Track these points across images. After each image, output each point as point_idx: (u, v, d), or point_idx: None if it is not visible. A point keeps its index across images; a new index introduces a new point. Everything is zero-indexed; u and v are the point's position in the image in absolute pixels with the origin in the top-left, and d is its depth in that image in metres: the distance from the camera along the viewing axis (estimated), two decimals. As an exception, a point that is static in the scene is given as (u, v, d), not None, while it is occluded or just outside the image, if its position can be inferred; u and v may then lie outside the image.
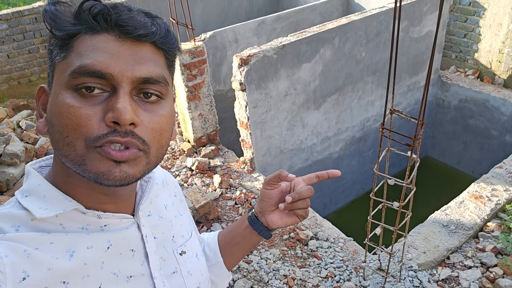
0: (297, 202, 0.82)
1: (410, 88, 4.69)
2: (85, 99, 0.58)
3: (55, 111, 0.59)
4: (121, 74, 0.58)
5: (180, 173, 3.67)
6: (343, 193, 4.82)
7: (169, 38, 0.64)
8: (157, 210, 0.77)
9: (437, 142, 5.45)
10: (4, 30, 5.46)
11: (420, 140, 1.93)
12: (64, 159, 0.60)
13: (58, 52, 0.61)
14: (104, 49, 0.58)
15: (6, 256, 0.56)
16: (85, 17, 0.59)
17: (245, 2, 6.42)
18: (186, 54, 3.51)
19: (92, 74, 0.57)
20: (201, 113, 3.81)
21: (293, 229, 2.97)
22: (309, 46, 3.60)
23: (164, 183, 0.83)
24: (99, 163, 0.58)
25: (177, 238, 0.78)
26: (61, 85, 0.59)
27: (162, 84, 0.62)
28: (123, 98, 0.57)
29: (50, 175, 0.67)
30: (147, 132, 0.60)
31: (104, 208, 0.66)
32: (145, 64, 0.60)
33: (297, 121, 3.88)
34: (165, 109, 0.64)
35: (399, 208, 2.12)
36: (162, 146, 0.64)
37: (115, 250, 0.66)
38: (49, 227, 0.62)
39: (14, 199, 0.64)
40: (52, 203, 0.62)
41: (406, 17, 4.15)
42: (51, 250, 0.60)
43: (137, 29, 0.59)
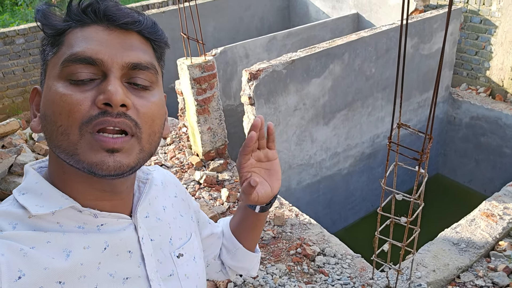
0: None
1: (420, 105, 4.67)
2: (76, 86, 0.59)
3: (48, 102, 0.60)
4: (111, 59, 0.60)
5: (188, 186, 3.68)
6: (352, 209, 4.77)
7: (156, 29, 0.66)
8: (155, 212, 0.77)
9: (448, 160, 5.39)
10: (21, 44, 5.60)
11: (428, 154, 1.91)
12: (58, 151, 0.60)
13: (50, 49, 0.63)
14: (94, 38, 0.61)
15: (2, 255, 0.56)
16: (75, 11, 0.62)
17: (256, 19, 6.51)
18: (196, 68, 3.55)
19: (83, 61, 0.59)
20: (210, 127, 3.83)
21: (300, 244, 2.94)
22: (318, 62, 3.61)
23: (163, 185, 0.83)
24: (91, 153, 0.58)
25: (175, 240, 0.78)
26: (54, 77, 0.61)
27: (151, 71, 0.64)
28: (114, 81, 0.59)
29: (47, 173, 0.67)
30: (138, 115, 0.61)
31: (100, 205, 0.66)
32: (134, 51, 0.62)
33: (306, 136, 3.87)
34: (156, 97, 0.65)
35: (406, 224, 2.08)
36: (154, 132, 0.65)
37: (112, 251, 0.66)
38: (46, 226, 0.62)
39: (11, 197, 0.65)
40: (48, 201, 0.63)
41: (416, 34, 4.16)
42: (48, 249, 0.60)
43: (123, 17, 0.62)
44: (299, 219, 3.24)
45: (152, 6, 6.24)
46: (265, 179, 0.83)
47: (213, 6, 6.03)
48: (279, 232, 3.10)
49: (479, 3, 4.78)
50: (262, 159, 0.82)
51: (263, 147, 0.81)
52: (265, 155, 0.82)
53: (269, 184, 0.82)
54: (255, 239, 0.98)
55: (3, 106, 5.80)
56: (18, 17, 9.14)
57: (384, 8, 5.28)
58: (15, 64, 5.63)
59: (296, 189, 4.07)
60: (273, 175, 0.83)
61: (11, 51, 5.57)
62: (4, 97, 5.77)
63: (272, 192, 0.83)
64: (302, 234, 3.08)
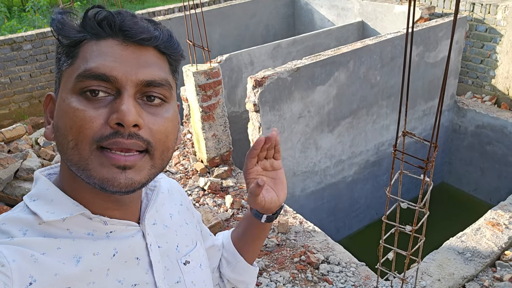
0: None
1: (425, 113, 4.66)
2: (90, 102, 0.59)
3: (60, 115, 0.61)
4: (125, 77, 0.59)
5: (192, 192, 3.68)
6: (356, 217, 4.75)
7: (171, 43, 0.65)
8: (162, 219, 0.77)
9: (453, 169, 5.36)
10: (28, 50, 5.65)
11: (433, 163, 1.90)
12: (69, 164, 0.61)
13: (65, 59, 0.62)
14: (109, 53, 0.60)
15: (13, 261, 0.56)
16: (90, 24, 0.61)
17: (262, 27, 6.54)
18: (202, 75, 3.57)
19: (97, 77, 0.58)
20: (215, 133, 3.84)
21: (304, 252, 2.93)
22: (323, 69, 3.62)
23: (169, 192, 0.84)
24: (103, 169, 0.58)
25: (181, 247, 0.78)
26: (67, 90, 0.61)
27: (165, 87, 0.63)
28: (127, 100, 0.59)
29: (58, 180, 0.68)
30: (151, 134, 0.61)
31: (110, 214, 0.67)
32: (149, 67, 0.62)
33: (310, 144, 3.87)
34: (169, 112, 0.65)
35: (411, 232, 2.07)
36: (167, 149, 0.65)
37: (121, 258, 0.66)
38: (56, 232, 0.62)
39: (22, 204, 0.65)
40: (59, 207, 0.63)
41: (421, 42, 4.16)
42: (58, 255, 0.60)
43: (140, 33, 0.61)
44: (303, 226, 3.23)
45: (158, 13, 6.29)
46: (271, 188, 0.84)
47: (219, 13, 6.07)
48: (283, 240, 3.09)
49: (485, 11, 4.78)
50: (268, 168, 0.84)
51: (270, 157, 0.84)
52: (271, 165, 0.84)
53: (275, 193, 0.84)
54: (256, 251, 0.98)
55: (10, 111, 5.84)
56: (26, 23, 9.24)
57: (389, 16, 5.29)
58: (22, 69, 5.68)
59: (300, 196, 4.06)
60: (279, 184, 0.85)
61: (18, 57, 5.62)
62: (11, 102, 5.82)
63: (279, 200, 0.85)
64: (306, 241, 3.07)
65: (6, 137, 3.85)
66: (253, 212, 0.90)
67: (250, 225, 0.93)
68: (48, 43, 5.74)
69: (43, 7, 9.63)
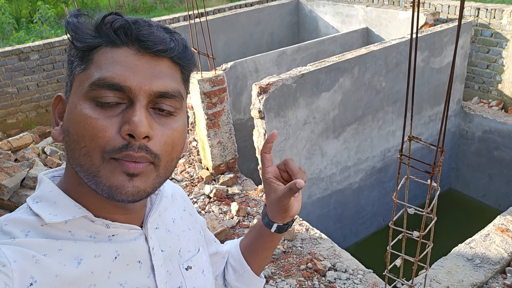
0: None
1: (431, 119, 4.63)
2: (102, 110, 0.59)
3: (72, 120, 0.60)
4: (138, 87, 0.59)
5: (198, 200, 3.67)
6: (363, 224, 4.71)
7: (186, 54, 0.66)
8: (165, 224, 0.77)
9: (461, 174, 5.31)
10: (35, 60, 5.71)
11: (440, 167, 1.88)
12: (78, 169, 0.61)
13: (79, 64, 0.62)
14: (124, 62, 0.60)
15: (14, 261, 0.56)
16: (106, 31, 0.61)
17: (266, 35, 6.57)
18: (207, 82, 3.58)
19: (110, 87, 0.59)
20: (220, 141, 3.84)
21: (311, 259, 2.90)
22: (328, 76, 3.62)
23: (173, 197, 0.83)
24: (113, 176, 0.59)
25: (184, 252, 0.78)
26: (80, 96, 0.61)
27: (177, 98, 0.64)
28: (140, 111, 0.59)
29: (62, 182, 0.68)
30: (159, 145, 0.62)
31: (113, 218, 0.67)
32: (162, 78, 0.62)
33: (316, 150, 3.86)
34: (178, 122, 0.65)
35: (419, 238, 2.05)
36: (172, 159, 0.65)
37: (123, 261, 0.66)
38: (58, 234, 0.62)
39: (25, 205, 0.65)
40: (62, 210, 0.63)
41: (426, 47, 4.15)
42: (59, 256, 0.60)
43: (156, 44, 0.61)
44: (309, 233, 3.20)
45: (164, 23, 6.34)
46: None
47: (224, 21, 6.11)
48: (290, 247, 3.07)
49: (490, 16, 4.76)
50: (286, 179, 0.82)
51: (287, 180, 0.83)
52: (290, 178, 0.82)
53: None
54: (264, 262, 0.96)
55: (17, 120, 5.89)
56: (33, 35, 9.35)
57: (394, 23, 5.29)
58: (29, 79, 5.74)
59: (306, 203, 4.04)
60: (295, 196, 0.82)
61: (26, 66, 5.68)
62: (18, 112, 5.87)
63: (292, 212, 0.83)
64: (313, 248, 3.04)
65: (13, 146, 3.88)
66: (265, 221, 0.89)
67: (260, 235, 0.92)
68: (55, 53, 5.80)
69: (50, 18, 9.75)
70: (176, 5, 15.67)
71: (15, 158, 3.66)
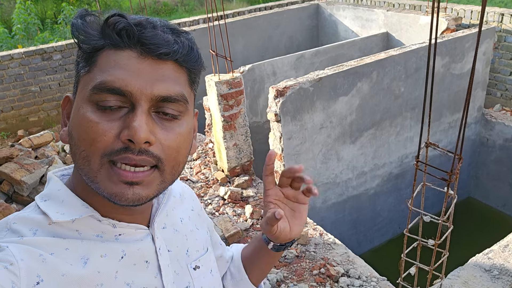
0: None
1: (451, 126, 4.55)
2: (104, 114, 0.59)
3: (75, 123, 0.61)
4: (140, 92, 0.59)
5: (212, 201, 3.68)
6: (379, 231, 4.65)
7: (191, 56, 0.64)
8: (173, 223, 0.77)
9: (480, 183, 5.20)
10: (58, 60, 5.83)
11: (457, 175, 1.85)
12: (80, 172, 0.61)
13: (84, 65, 0.63)
14: (126, 66, 0.59)
15: (21, 260, 0.56)
16: (109, 33, 0.61)
17: (285, 38, 6.56)
18: (224, 84, 3.59)
19: (111, 91, 0.58)
20: (236, 143, 3.85)
21: (324, 264, 2.88)
22: (346, 80, 3.59)
23: (181, 197, 0.83)
24: (111, 184, 0.59)
25: (192, 252, 0.78)
26: (83, 99, 0.61)
27: (181, 102, 0.63)
28: (140, 116, 0.58)
29: (71, 181, 0.68)
30: (163, 149, 0.61)
31: (119, 217, 0.67)
32: (165, 82, 0.61)
33: (332, 155, 3.83)
34: (183, 126, 0.64)
35: (434, 247, 2.01)
36: (178, 163, 0.64)
37: (129, 261, 0.66)
38: (65, 233, 0.63)
39: (34, 204, 0.66)
40: (69, 208, 0.64)
41: (447, 53, 4.09)
42: (66, 256, 0.61)
43: (159, 47, 0.60)
44: (323, 238, 3.18)
45: (184, 25, 6.40)
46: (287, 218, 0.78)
47: (243, 24, 6.13)
48: (303, 251, 3.05)
49: (514, 22, 4.66)
50: (290, 197, 0.77)
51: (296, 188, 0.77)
52: (294, 196, 0.77)
53: (289, 225, 0.77)
54: (262, 274, 0.95)
55: (39, 119, 6.02)
56: (57, 35, 9.56)
57: (415, 27, 5.23)
58: (52, 79, 5.86)
59: (321, 208, 4.01)
60: (297, 219, 0.78)
61: (48, 66, 5.80)
62: (40, 110, 6.00)
63: (290, 234, 0.77)
64: (326, 254, 3.02)
65: (34, 144, 3.97)
66: (264, 237, 0.88)
67: (259, 248, 0.91)
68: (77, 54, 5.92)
69: (74, 18, 9.91)
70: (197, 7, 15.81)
71: (36, 156, 3.75)
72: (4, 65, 5.61)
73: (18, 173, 3.22)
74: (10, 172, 3.23)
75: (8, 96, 5.78)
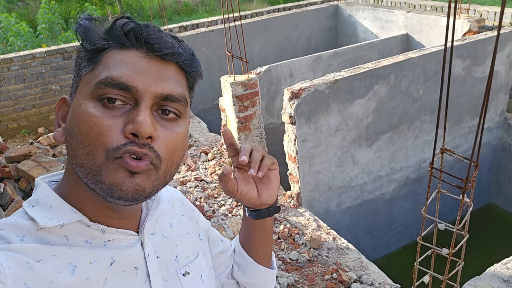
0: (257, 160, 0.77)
1: (471, 130, 4.44)
2: (107, 109, 0.59)
3: (76, 119, 0.61)
4: (144, 88, 0.60)
5: (226, 203, 3.68)
6: (395, 236, 4.57)
7: (193, 61, 0.67)
8: (162, 229, 0.76)
9: (502, 189, 5.05)
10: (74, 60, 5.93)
11: (473, 182, 1.79)
12: (79, 168, 0.60)
13: (86, 64, 0.63)
14: (132, 64, 0.61)
15: (8, 267, 0.56)
16: (117, 33, 0.62)
17: (303, 39, 6.52)
18: (239, 86, 3.59)
19: (117, 86, 0.59)
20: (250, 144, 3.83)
21: (336, 269, 2.84)
22: (362, 82, 3.54)
23: (170, 202, 0.82)
24: (115, 173, 0.59)
25: (181, 258, 0.77)
26: (85, 95, 0.61)
27: (182, 103, 0.64)
28: (144, 111, 0.59)
29: (60, 187, 0.68)
30: (162, 147, 0.62)
31: (109, 222, 0.66)
32: (168, 82, 0.63)
33: (347, 158, 3.78)
34: (181, 127, 0.65)
35: (448, 256, 1.95)
36: (172, 164, 0.64)
37: (118, 267, 0.65)
38: (53, 239, 0.62)
39: (21, 210, 0.65)
40: (57, 214, 0.63)
41: (468, 56, 3.98)
42: (54, 263, 0.60)
43: (164, 48, 0.62)
44: (336, 243, 3.14)
45: (202, 25, 6.43)
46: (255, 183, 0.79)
47: (261, 25, 6.12)
48: (315, 255, 3.01)
49: (540, 24, 4.52)
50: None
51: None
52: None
53: (257, 190, 0.79)
54: (264, 250, 0.93)
55: (59, 117, 6.13)
56: (79, 34, 9.71)
57: (436, 29, 5.12)
58: (72, 78, 5.97)
59: (335, 212, 3.96)
60: (264, 183, 0.80)
61: (69, 65, 5.90)
62: (60, 109, 6.10)
63: (259, 200, 0.79)
64: (339, 259, 2.98)
65: (52, 142, 4.03)
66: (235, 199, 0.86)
67: (246, 224, 0.91)
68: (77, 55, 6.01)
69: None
70: (217, 8, 15.89)
71: (53, 154, 3.81)
72: (27, 64, 5.73)
73: (35, 171, 3.28)
74: (28, 169, 3.29)
75: (29, 95, 5.90)
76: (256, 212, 0.84)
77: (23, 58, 5.70)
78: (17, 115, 5.99)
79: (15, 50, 8.00)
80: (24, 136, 6.05)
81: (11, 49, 8.06)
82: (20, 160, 3.49)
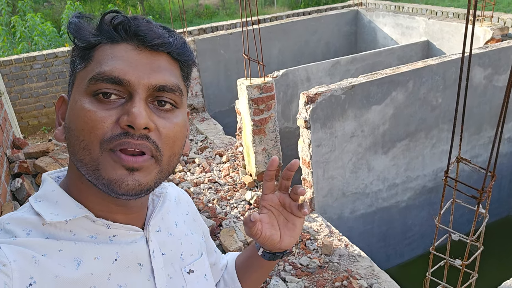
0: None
1: (491, 140, 4.34)
2: (102, 104, 0.60)
3: (73, 116, 0.61)
4: (137, 81, 0.60)
5: (238, 205, 3.68)
6: (409, 246, 4.49)
7: (184, 50, 0.66)
8: (167, 227, 0.76)
9: (522, 202, 4.92)
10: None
11: (489, 193, 1.75)
12: (79, 164, 0.61)
13: (80, 62, 0.64)
14: (123, 57, 0.61)
15: (14, 261, 0.57)
16: (106, 28, 0.62)
17: (322, 44, 6.49)
18: (255, 89, 3.59)
19: (110, 80, 0.59)
20: (265, 147, 3.83)
21: (347, 277, 2.80)
22: (380, 88, 3.50)
23: (177, 201, 0.83)
24: (112, 169, 0.59)
25: (186, 256, 0.77)
26: (81, 92, 0.62)
27: (176, 93, 0.64)
28: (139, 103, 0.59)
29: (65, 182, 0.68)
30: (160, 137, 0.61)
31: (114, 218, 0.67)
32: (161, 72, 0.62)
33: (362, 164, 3.74)
34: (179, 118, 0.65)
35: (462, 267, 1.91)
36: (174, 154, 0.64)
37: (123, 263, 0.66)
38: (59, 234, 0.63)
39: (28, 204, 0.66)
40: (63, 209, 0.64)
41: (490, 64, 3.90)
42: (59, 257, 0.61)
43: (154, 38, 0.62)
44: (348, 250, 3.10)
45: (221, 28, 6.46)
46: (279, 227, 0.79)
47: (280, 29, 6.12)
48: (326, 262, 2.98)
49: None
50: (286, 207, 0.78)
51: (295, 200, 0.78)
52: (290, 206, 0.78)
53: (280, 234, 0.79)
54: (255, 284, 0.93)
55: (78, 115, 6.23)
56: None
57: (457, 36, 5.04)
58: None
59: (349, 218, 3.92)
60: (289, 229, 0.79)
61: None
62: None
63: (280, 244, 0.79)
64: (350, 266, 2.94)
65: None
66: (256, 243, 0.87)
67: (252, 256, 0.90)
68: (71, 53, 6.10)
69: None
70: (238, 11, 15.96)
71: (71, 151, 3.87)
72: (49, 63, 5.85)
73: (52, 167, 3.33)
74: (45, 166, 3.34)
75: (50, 92, 6.02)
76: (271, 254, 0.84)
77: (45, 57, 5.82)
78: (38, 112, 6.11)
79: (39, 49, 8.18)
80: (44, 133, 6.17)
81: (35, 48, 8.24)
82: (38, 156, 3.56)
